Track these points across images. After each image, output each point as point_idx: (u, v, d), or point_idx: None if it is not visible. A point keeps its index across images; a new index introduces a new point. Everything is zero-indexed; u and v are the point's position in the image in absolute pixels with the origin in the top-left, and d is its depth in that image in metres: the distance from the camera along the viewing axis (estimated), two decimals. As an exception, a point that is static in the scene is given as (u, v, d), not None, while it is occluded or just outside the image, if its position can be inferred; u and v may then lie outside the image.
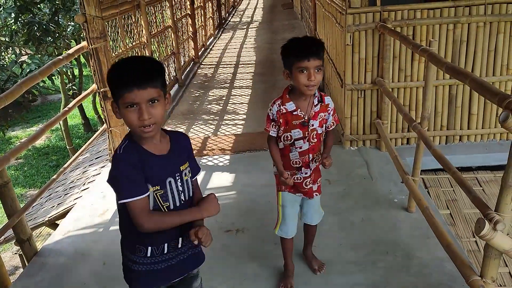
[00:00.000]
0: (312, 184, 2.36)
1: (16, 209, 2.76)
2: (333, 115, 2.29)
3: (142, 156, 1.56)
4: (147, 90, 1.48)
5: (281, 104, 2.20)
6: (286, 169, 2.31)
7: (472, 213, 3.55)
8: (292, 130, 2.22)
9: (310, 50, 2.05)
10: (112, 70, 1.54)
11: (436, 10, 3.79)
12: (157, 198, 1.61)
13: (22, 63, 8.74)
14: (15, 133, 14.77)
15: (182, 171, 1.67)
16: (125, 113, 1.51)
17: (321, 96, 2.23)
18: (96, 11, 3.68)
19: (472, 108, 4.07)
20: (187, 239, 1.72)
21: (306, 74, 2.05)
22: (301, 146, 2.25)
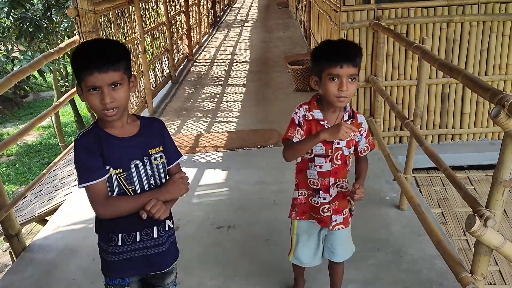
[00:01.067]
0: (331, 213, 2.00)
1: (4, 204, 2.73)
2: (367, 138, 1.97)
3: (101, 139, 1.55)
4: (108, 73, 1.47)
5: (309, 110, 1.90)
6: (302, 188, 2.02)
7: (463, 211, 3.57)
8: None
9: (344, 55, 1.76)
10: (75, 53, 1.52)
11: (430, 9, 3.80)
12: (120, 181, 1.58)
13: (13, 58, 8.65)
14: (6, 129, 14.63)
15: (152, 154, 1.64)
16: (88, 97, 1.50)
17: (353, 112, 1.93)
18: (89, 5, 3.65)
19: (465, 108, 4.09)
20: (163, 231, 1.71)
21: (337, 83, 1.76)
22: (322, 165, 1.92)
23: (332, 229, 2.02)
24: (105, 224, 1.64)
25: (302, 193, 2.03)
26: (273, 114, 5.31)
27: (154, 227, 1.68)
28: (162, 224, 1.71)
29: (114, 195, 1.58)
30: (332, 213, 2.00)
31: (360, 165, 2.03)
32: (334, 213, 2.00)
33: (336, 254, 2.13)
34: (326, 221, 2.01)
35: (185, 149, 4.43)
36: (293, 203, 2.08)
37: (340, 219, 2.02)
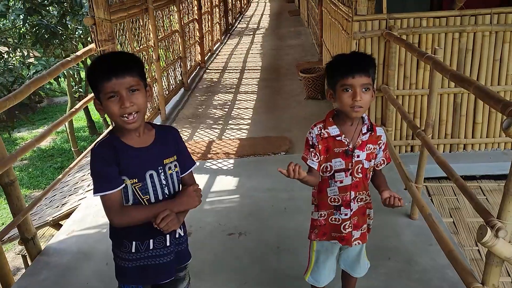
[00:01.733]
0: (352, 229, 1.97)
1: (22, 208, 2.79)
2: (384, 151, 1.96)
3: (118, 149, 1.58)
4: (125, 78, 1.52)
5: (323, 128, 1.88)
6: (322, 209, 1.99)
7: (475, 221, 3.55)
8: (333, 160, 1.88)
9: (356, 65, 1.78)
10: (91, 68, 1.57)
11: (442, 19, 3.81)
12: (135, 191, 1.61)
13: (29, 64, 8.82)
14: (20, 134, 14.85)
15: (166, 164, 1.67)
16: (107, 105, 1.53)
17: (371, 125, 1.91)
18: (105, 14, 3.73)
19: (477, 117, 4.08)
20: (175, 239, 1.75)
21: (350, 93, 1.76)
22: (342, 180, 1.90)
23: (351, 245, 2.01)
24: (119, 231, 1.68)
25: (322, 214, 2.00)
26: (285, 121, 5.34)
27: (167, 235, 1.71)
28: (174, 233, 1.75)
29: (130, 203, 1.62)
30: (352, 229, 1.98)
31: (378, 177, 1.99)
32: (354, 229, 1.98)
33: (353, 268, 2.15)
34: (347, 238, 1.98)
35: (197, 155, 4.48)
36: (313, 225, 2.06)
37: (358, 234, 2.00)
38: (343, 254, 2.13)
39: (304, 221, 3.16)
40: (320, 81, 5.93)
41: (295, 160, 1.91)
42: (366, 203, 1.98)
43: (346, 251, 2.10)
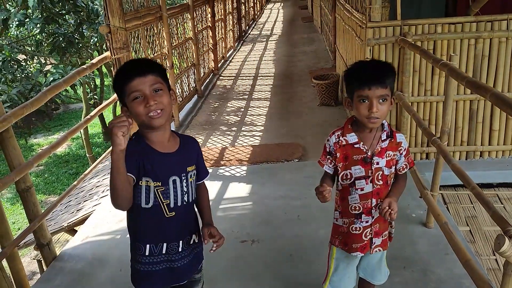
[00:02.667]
0: (372, 236, 1.96)
1: (38, 214, 2.82)
2: (406, 156, 1.94)
3: (144, 151, 1.61)
4: (148, 77, 1.56)
5: (341, 135, 1.90)
6: (343, 217, 1.98)
7: (492, 230, 3.49)
8: (352, 167, 1.88)
9: (373, 76, 1.76)
10: (116, 75, 1.65)
11: (458, 25, 3.77)
12: (157, 194, 1.64)
13: (46, 72, 8.96)
14: (37, 140, 15.06)
15: (188, 172, 1.71)
16: (133, 106, 1.56)
17: (391, 132, 1.90)
18: (120, 22, 3.77)
19: (494, 124, 4.02)
20: (187, 244, 1.77)
21: (367, 104, 1.76)
22: (363, 188, 1.89)
23: (372, 252, 1.99)
24: (135, 234, 1.72)
25: (345, 221, 1.99)
26: (298, 128, 5.33)
27: (180, 241, 1.74)
28: (187, 239, 1.77)
29: (149, 205, 1.65)
30: (373, 236, 1.96)
31: (396, 182, 1.96)
32: (374, 236, 1.96)
33: (373, 276, 2.12)
34: (367, 246, 1.97)
35: (210, 162, 4.49)
36: (337, 230, 2.04)
37: (379, 241, 1.99)
38: (363, 262, 2.09)
39: (317, 229, 3.15)
40: (334, 88, 5.91)
41: (308, 167, 1.93)
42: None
43: (367, 258, 2.07)
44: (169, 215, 1.67)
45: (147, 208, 1.65)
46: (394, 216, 1.81)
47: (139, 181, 1.62)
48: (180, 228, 1.73)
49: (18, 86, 8.21)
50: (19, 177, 2.61)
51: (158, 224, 1.68)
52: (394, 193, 1.90)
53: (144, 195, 1.63)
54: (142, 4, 4.61)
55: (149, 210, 1.66)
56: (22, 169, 2.62)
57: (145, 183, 1.62)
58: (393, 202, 1.82)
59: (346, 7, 5.44)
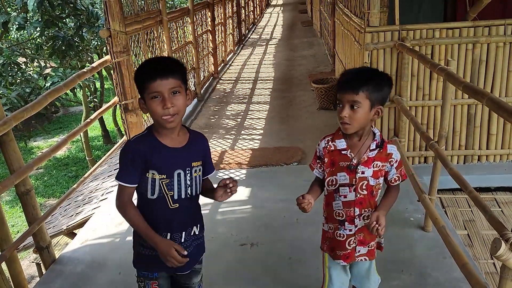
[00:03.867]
0: (356, 245, 1.94)
1: (37, 217, 2.83)
2: (398, 168, 1.91)
3: (153, 146, 1.72)
4: (169, 80, 1.64)
5: (331, 141, 1.90)
6: (329, 222, 1.99)
7: (490, 234, 3.50)
8: (338, 173, 1.88)
9: (345, 81, 1.80)
10: (140, 69, 1.72)
11: (455, 30, 3.80)
12: (162, 186, 1.73)
13: (46, 75, 8.99)
14: (36, 143, 15.08)
15: (193, 167, 1.80)
16: (150, 104, 1.66)
17: (382, 142, 1.88)
18: (120, 26, 3.79)
19: (491, 128, 4.04)
20: (189, 236, 1.84)
21: (340, 109, 1.78)
22: (346, 195, 1.88)
23: (356, 259, 1.99)
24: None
25: (330, 227, 1.99)
26: (297, 132, 5.35)
27: (183, 233, 1.82)
28: (189, 230, 1.85)
29: (154, 196, 1.74)
30: (357, 244, 1.95)
31: (387, 194, 1.94)
32: (359, 244, 1.95)
33: (363, 285, 2.11)
34: (351, 255, 1.97)
35: (209, 166, 4.50)
36: (324, 236, 2.06)
37: (364, 250, 1.97)
38: (353, 270, 2.10)
39: (316, 233, 3.15)
40: (333, 92, 5.93)
41: (308, 170, 1.94)
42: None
43: (356, 267, 2.07)
44: (172, 207, 1.76)
45: (152, 199, 1.75)
46: (382, 232, 1.78)
47: (146, 173, 1.72)
48: (183, 220, 1.81)
49: (17, 89, 8.24)
50: (19, 180, 2.62)
51: (162, 214, 1.77)
52: (383, 206, 1.88)
53: (150, 186, 1.73)
54: (143, 8, 4.63)
55: (154, 201, 1.75)
56: (22, 172, 2.63)
57: (151, 175, 1.72)
58: (381, 216, 1.79)
59: (345, 12, 5.47)
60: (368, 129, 1.87)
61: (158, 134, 1.74)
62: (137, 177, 1.72)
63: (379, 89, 1.78)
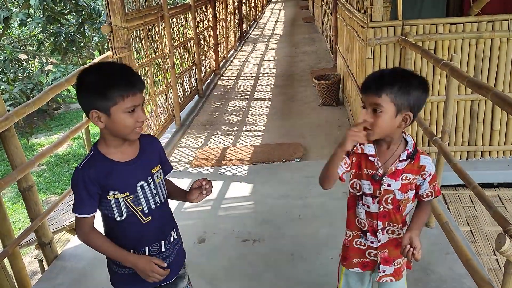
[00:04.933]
0: (378, 260, 1.78)
1: (39, 213, 2.83)
2: (432, 183, 1.70)
3: (105, 167, 1.59)
4: (142, 93, 1.57)
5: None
6: (349, 228, 1.82)
7: (493, 230, 3.49)
8: (362, 180, 1.71)
9: (369, 81, 1.62)
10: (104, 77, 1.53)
11: (459, 25, 3.77)
12: (128, 204, 1.63)
13: (48, 72, 8.99)
14: (38, 140, 15.07)
15: (154, 173, 1.69)
16: (124, 118, 1.53)
17: (415, 152, 1.68)
18: (122, 22, 3.78)
19: (495, 124, 4.02)
20: (170, 243, 1.76)
21: (364, 111, 1.61)
22: (369, 205, 1.72)
23: (379, 280, 1.81)
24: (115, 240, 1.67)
25: (348, 234, 1.84)
26: (299, 128, 5.33)
27: (161, 242, 1.73)
28: (168, 237, 1.76)
29: (123, 217, 1.63)
30: (381, 262, 1.78)
31: (418, 210, 1.75)
32: (383, 263, 1.77)
33: None
34: (370, 265, 1.82)
35: (211, 162, 4.50)
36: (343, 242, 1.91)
37: (390, 270, 1.78)
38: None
39: (319, 229, 3.16)
40: (335, 88, 5.92)
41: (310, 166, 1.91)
42: (401, 237, 1.72)
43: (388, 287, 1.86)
44: (146, 220, 1.67)
45: (122, 220, 1.64)
46: (418, 256, 1.59)
47: (107, 196, 1.60)
48: (159, 230, 1.72)
49: (19, 85, 8.23)
50: (21, 176, 2.61)
51: (137, 232, 1.67)
52: (415, 225, 1.67)
53: (116, 207, 1.62)
54: (144, 4, 4.62)
55: (124, 221, 1.64)
56: (24, 168, 2.63)
57: (113, 196, 1.61)
58: (414, 237, 1.59)
59: (348, 8, 5.44)
60: (398, 137, 1.67)
61: (107, 151, 1.60)
62: (94, 205, 1.61)
63: (406, 92, 1.57)
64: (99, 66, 1.63)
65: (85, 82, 1.55)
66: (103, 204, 1.63)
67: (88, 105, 1.53)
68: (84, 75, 1.56)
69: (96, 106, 1.52)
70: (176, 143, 5.12)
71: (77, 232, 1.66)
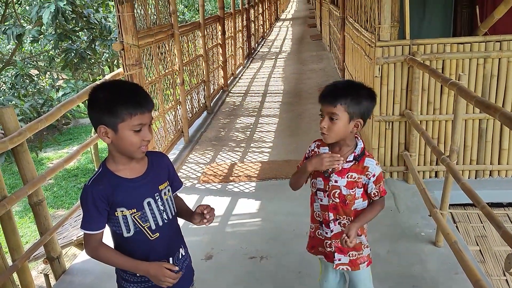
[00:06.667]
0: (333, 250, 2.02)
1: (49, 227, 2.85)
2: (377, 184, 1.95)
3: (113, 184, 1.61)
4: (150, 112, 1.61)
5: (318, 146, 2.03)
6: (311, 221, 2.11)
7: (503, 250, 3.46)
8: (317, 177, 1.99)
9: (325, 93, 1.89)
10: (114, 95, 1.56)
11: (466, 45, 3.80)
12: (135, 220, 1.65)
13: (58, 87, 9.11)
14: (46, 154, 15.20)
15: (161, 190, 1.71)
16: (130, 135, 1.56)
17: (361, 155, 1.93)
18: (133, 40, 3.85)
19: (503, 143, 4.01)
20: (178, 260, 1.77)
21: (322, 119, 1.89)
22: (322, 199, 1.99)
23: (336, 267, 2.04)
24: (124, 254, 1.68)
25: (311, 226, 2.11)
26: (306, 145, 5.24)
27: (170, 258, 1.74)
28: (177, 254, 1.78)
29: (131, 233, 1.65)
30: (335, 251, 2.02)
31: (367, 207, 2.00)
32: (338, 251, 2.01)
33: None
34: (330, 256, 2.05)
35: (219, 178, 4.51)
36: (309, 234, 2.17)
37: (345, 259, 2.02)
38: (350, 280, 2.16)
39: (326, 246, 3.15)
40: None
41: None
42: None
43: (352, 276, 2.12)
44: (153, 237, 1.68)
45: (129, 236, 1.66)
46: (350, 244, 1.82)
47: (114, 212, 1.63)
48: (167, 246, 1.73)
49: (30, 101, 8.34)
50: (32, 190, 2.65)
51: (144, 249, 1.68)
52: (358, 219, 1.94)
53: (123, 224, 1.65)
54: (155, 22, 4.70)
55: (132, 238, 1.66)
56: (35, 182, 2.67)
57: (121, 213, 1.63)
58: (351, 228, 1.85)
59: (355, 26, 5.50)
60: (349, 141, 1.93)
61: (115, 168, 1.64)
62: (103, 221, 1.63)
63: (357, 102, 1.85)
64: (111, 83, 1.67)
65: (96, 98, 1.59)
66: (111, 221, 1.65)
67: (97, 120, 1.58)
68: (96, 91, 1.60)
69: (104, 122, 1.56)
70: (184, 158, 5.15)
71: (86, 248, 1.68)
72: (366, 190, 1.97)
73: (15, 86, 8.90)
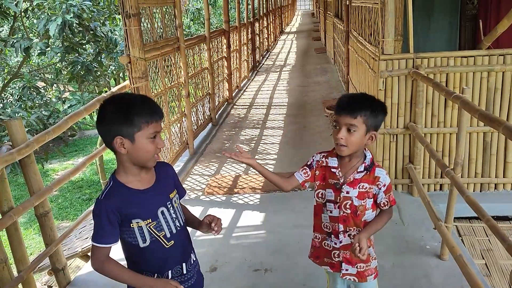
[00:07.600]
0: (342, 261, 2.02)
1: (54, 238, 2.87)
2: (387, 193, 1.96)
3: (126, 196, 1.65)
4: (161, 121, 1.68)
5: (325, 157, 2.01)
6: (316, 231, 2.10)
7: (508, 264, 3.44)
8: (326, 189, 1.98)
9: (344, 105, 1.87)
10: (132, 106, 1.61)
11: (470, 58, 3.82)
12: (151, 230, 1.68)
13: (64, 99, 9.20)
14: (52, 165, 15.25)
15: (172, 198, 1.77)
16: (146, 143, 1.62)
17: (371, 165, 1.94)
18: (140, 53, 3.90)
19: (508, 156, 4.00)
20: (190, 265, 1.82)
21: (337, 130, 1.88)
22: (332, 211, 1.98)
23: (342, 276, 2.04)
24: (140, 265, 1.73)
25: (317, 236, 2.10)
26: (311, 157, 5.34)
27: (183, 264, 1.79)
28: (189, 260, 1.83)
29: (147, 244, 1.69)
30: (343, 261, 2.02)
31: (376, 217, 2.00)
32: (345, 262, 2.02)
33: None
34: (337, 266, 2.05)
35: (223, 190, 4.52)
36: (312, 243, 2.17)
37: (353, 270, 2.02)
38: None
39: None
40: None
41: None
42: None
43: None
44: (169, 245, 1.73)
45: (146, 246, 1.70)
46: (362, 256, 1.80)
47: (130, 224, 1.66)
48: (182, 253, 1.79)
49: (36, 112, 8.42)
50: (38, 201, 2.67)
51: (160, 257, 1.73)
52: (367, 229, 1.93)
53: (139, 235, 1.68)
54: (161, 36, 4.76)
55: (148, 247, 1.70)
56: (41, 193, 2.69)
57: (136, 224, 1.66)
58: (362, 238, 1.83)
59: (359, 40, 5.55)
60: (360, 152, 1.95)
61: (126, 180, 1.67)
62: (116, 235, 1.66)
63: (375, 115, 1.87)
64: (121, 96, 1.72)
65: (108, 111, 1.62)
66: (126, 232, 1.68)
67: (113, 132, 1.60)
68: (107, 105, 1.63)
69: (121, 133, 1.60)
70: (189, 170, 5.17)
71: (92, 260, 1.70)
72: (376, 200, 1.98)
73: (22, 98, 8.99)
